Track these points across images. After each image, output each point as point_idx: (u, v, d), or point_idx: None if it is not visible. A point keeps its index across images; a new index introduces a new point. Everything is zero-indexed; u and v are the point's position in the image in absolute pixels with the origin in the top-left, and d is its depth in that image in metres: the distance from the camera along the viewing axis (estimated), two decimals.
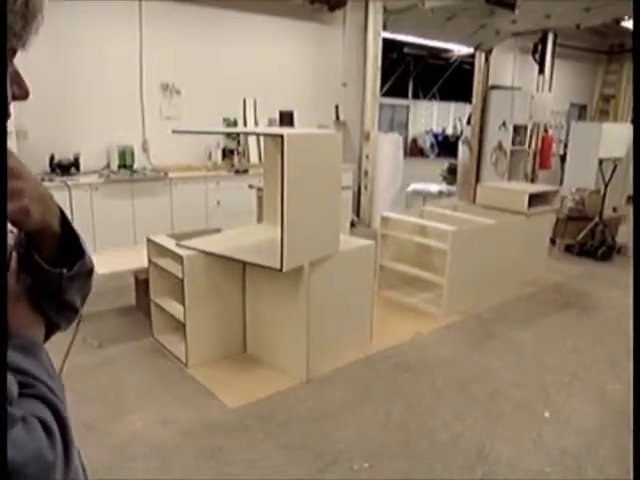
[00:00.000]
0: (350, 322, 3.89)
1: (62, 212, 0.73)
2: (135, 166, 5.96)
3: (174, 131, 3.50)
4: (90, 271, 0.81)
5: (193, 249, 3.48)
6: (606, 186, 6.90)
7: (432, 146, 16.31)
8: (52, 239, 0.71)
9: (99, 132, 5.87)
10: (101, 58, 5.81)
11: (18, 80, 0.67)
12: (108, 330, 4.13)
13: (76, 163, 5.58)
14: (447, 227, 4.62)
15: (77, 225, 0.77)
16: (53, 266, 0.71)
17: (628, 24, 9.32)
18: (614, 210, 8.05)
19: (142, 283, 4.23)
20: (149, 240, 3.85)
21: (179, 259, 3.46)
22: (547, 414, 3.25)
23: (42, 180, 4.89)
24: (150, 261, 3.84)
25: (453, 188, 8.91)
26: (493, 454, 2.84)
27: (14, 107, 0.67)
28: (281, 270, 3.03)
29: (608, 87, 12.98)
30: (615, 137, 9.18)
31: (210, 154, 6.61)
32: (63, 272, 0.72)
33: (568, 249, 6.96)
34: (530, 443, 2.96)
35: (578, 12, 8.20)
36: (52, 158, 5.45)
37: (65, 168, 5.46)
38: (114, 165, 5.87)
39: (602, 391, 3.55)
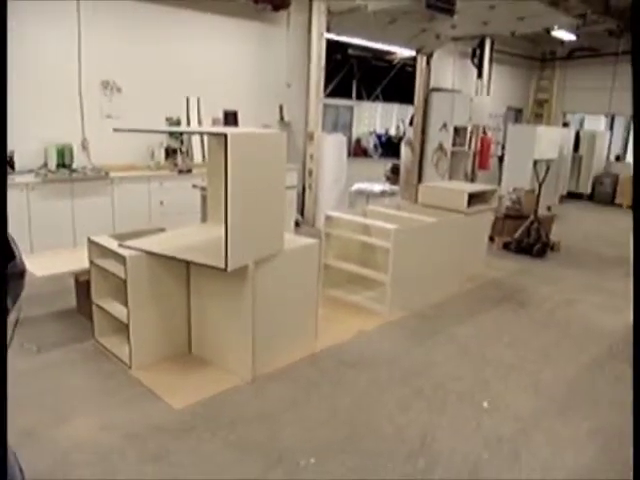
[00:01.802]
0: (295, 321, 3.92)
1: None
2: (74, 165, 5.80)
3: (115, 129, 3.43)
4: (22, 272, 0.80)
5: (136, 249, 3.43)
6: (540, 186, 7.22)
7: (376, 147, 16.55)
8: None
9: (35, 130, 5.67)
10: (38, 55, 5.62)
11: None
12: (48, 334, 4.00)
13: (10, 161, 5.37)
14: (389, 225, 4.73)
15: (12, 226, 0.76)
16: None
17: (557, 33, 9.80)
18: (548, 209, 8.44)
19: (83, 285, 4.12)
20: (90, 241, 3.76)
21: (122, 260, 3.40)
22: (486, 404, 3.38)
23: None
24: (91, 262, 3.75)
25: (396, 188, 9.09)
26: (435, 444, 2.94)
27: None
28: (226, 269, 3.03)
29: (542, 92, 13.57)
30: (548, 140, 9.63)
31: (153, 153, 6.50)
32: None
33: (506, 246, 7.24)
34: (470, 432, 3.08)
35: (513, 20, 8.57)
36: None
37: None
38: (52, 164, 5.69)
39: (536, 380, 3.73)
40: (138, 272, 3.42)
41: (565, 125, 13.01)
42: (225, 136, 2.87)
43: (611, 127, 13.36)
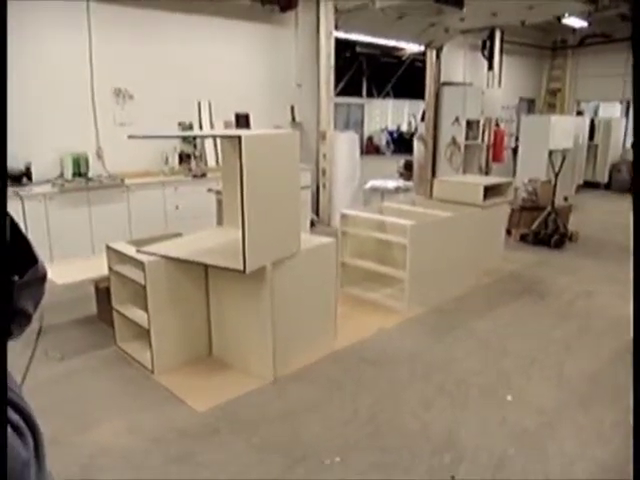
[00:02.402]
0: (314, 320, 3.92)
1: (11, 218, 0.72)
2: (90, 174, 5.86)
3: (130, 136, 3.46)
4: (43, 277, 0.80)
5: (154, 255, 3.45)
6: (556, 176, 7.14)
7: (388, 143, 16.48)
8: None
9: (51, 140, 5.74)
10: (50, 65, 5.69)
11: None
12: (70, 341, 4.05)
13: (27, 173, 5.45)
14: (405, 222, 4.71)
15: (32, 236, 0.77)
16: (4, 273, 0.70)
17: (568, 21, 9.67)
18: (565, 199, 8.33)
19: (103, 292, 4.17)
20: (109, 248, 3.80)
21: (140, 265, 3.43)
22: (509, 398, 3.36)
23: None
24: (110, 269, 3.79)
25: (410, 184, 9.05)
26: (460, 439, 2.93)
27: None
28: (244, 271, 3.05)
29: (554, 81, 13.42)
30: (562, 129, 9.52)
31: (167, 159, 6.55)
32: (14, 280, 0.72)
33: (523, 238, 7.18)
34: (494, 426, 3.06)
35: (522, 10, 8.47)
36: None
37: (16, 178, 5.32)
38: (68, 173, 5.75)
39: (559, 372, 3.69)
40: (157, 277, 3.45)
41: (579, 114, 12.86)
42: (239, 138, 2.88)
43: (626, 114, 13.17)
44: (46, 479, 0.69)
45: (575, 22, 9.96)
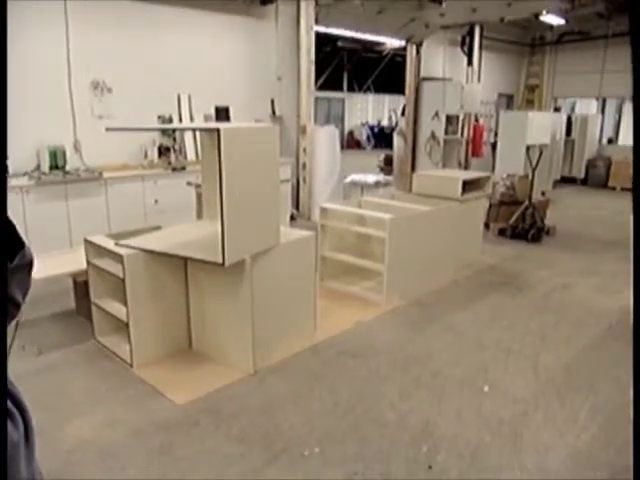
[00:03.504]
0: (294, 313, 3.94)
1: None
2: (67, 167, 5.79)
3: (108, 129, 3.42)
4: (30, 263, 0.80)
5: (133, 248, 3.44)
6: (534, 171, 7.24)
7: (368, 138, 16.55)
8: None
9: (28, 133, 5.65)
10: (27, 56, 5.59)
11: None
12: (48, 336, 4.02)
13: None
14: (384, 215, 4.74)
15: None
16: None
17: (546, 18, 9.79)
18: (542, 194, 8.46)
19: (81, 285, 4.13)
20: (87, 241, 3.77)
21: (119, 259, 3.41)
22: (486, 388, 3.41)
23: None
24: (89, 263, 3.76)
25: (390, 178, 9.09)
26: (437, 430, 2.97)
27: None
28: (223, 264, 3.05)
29: (532, 77, 13.58)
30: (540, 125, 9.64)
31: (146, 152, 6.50)
32: (5, 264, 0.72)
33: (501, 232, 7.27)
34: (471, 416, 3.11)
35: (501, 6, 8.57)
36: None
37: None
38: (45, 166, 5.68)
39: (535, 363, 3.76)
40: (136, 270, 3.43)
41: (557, 110, 13.03)
42: (218, 131, 2.88)
43: (602, 110, 13.39)
44: (34, 461, 0.70)
45: (553, 19, 10.08)
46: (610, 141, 13.33)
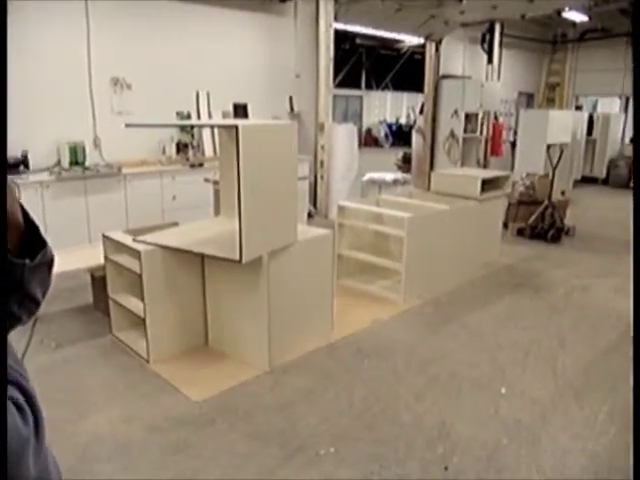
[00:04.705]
0: (311, 311, 3.93)
1: (21, 204, 0.73)
2: (87, 163, 5.84)
3: (127, 125, 3.44)
4: (51, 262, 0.81)
5: (150, 244, 3.45)
6: (554, 170, 7.14)
7: (386, 136, 16.47)
8: (17, 231, 0.72)
9: (48, 129, 5.71)
10: (47, 54, 5.65)
11: None
12: (66, 330, 4.05)
13: (25, 161, 5.42)
14: (402, 214, 4.71)
15: None
16: (16, 257, 0.71)
17: (569, 15, 9.65)
18: (562, 193, 8.34)
19: (99, 281, 4.16)
20: (105, 237, 3.79)
21: (136, 254, 3.43)
22: (503, 390, 3.37)
23: None
24: (107, 258, 3.79)
25: (408, 176, 9.04)
26: (453, 431, 2.94)
27: None
28: (240, 261, 3.04)
29: (553, 76, 13.40)
30: (561, 123, 9.51)
31: (164, 149, 6.53)
32: (26, 263, 0.72)
33: (520, 232, 7.18)
34: (488, 418, 3.07)
35: (522, 3, 8.45)
36: None
37: (13, 166, 5.29)
38: (65, 162, 5.74)
39: (553, 365, 3.71)
40: (153, 266, 3.44)
41: (578, 108, 12.85)
42: (236, 128, 2.87)
43: (625, 109, 13.16)
44: (45, 456, 0.70)
45: (575, 16, 9.94)
46: (633, 140, 13.11)
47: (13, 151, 5.35)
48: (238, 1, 7.08)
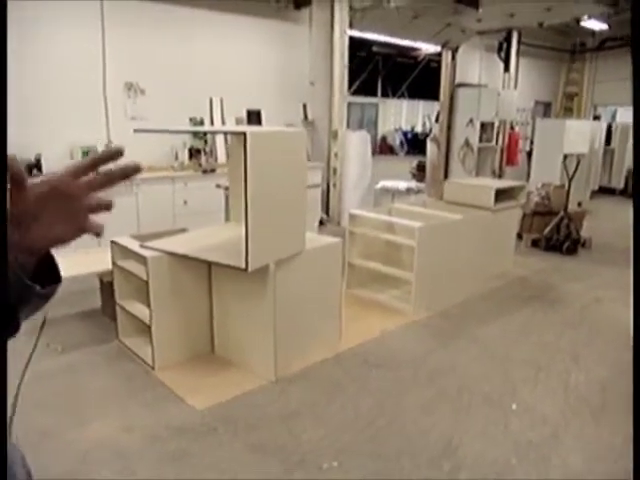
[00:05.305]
0: (319, 320, 3.87)
1: None
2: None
3: (136, 130, 3.44)
4: (51, 297, 0.79)
5: (157, 250, 3.42)
6: (570, 181, 7.03)
7: (402, 144, 16.39)
8: (39, 254, 0.72)
9: (61, 132, 5.74)
10: (62, 57, 5.69)
11: None
12: (72, 334, 4.04)
13: (38, 164, 5.45)
14: (414, 223, 4.64)
15: None
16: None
17: (588, 23, 9.53)
18: (579, 205, 8.22)
19: (107, 286, 4.15)
20: (113, 242, 3.78)
21: (143, 260, 3.41)
22: (514, 406, 3.28)
23: None
24: (114, 263, 3.77)
25: (422, 185, 8.97)
26: (461, 448, 2.86)
27: None
28: (246, 270, 3.00)
29: (571, 85, 13.25)
30: (578, 133, 9.38)
31: (177, 154, 6.53)
32: (36, 287, 0.71)
33: (535, 244, 7.07)
34: (497, 435, 2.99)
35: (540, 11, 8.36)
36: None
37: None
38: None
39: (566, 382, 3.61)
40: (159, 273, 3.42)
41: (596, 118, 12.68)
42: (244, 134, 2.84)
43: None
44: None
45: (595, 24, 9.81)
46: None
47: (26, 154, 5.38)
48: (253, 8, 7.09)
